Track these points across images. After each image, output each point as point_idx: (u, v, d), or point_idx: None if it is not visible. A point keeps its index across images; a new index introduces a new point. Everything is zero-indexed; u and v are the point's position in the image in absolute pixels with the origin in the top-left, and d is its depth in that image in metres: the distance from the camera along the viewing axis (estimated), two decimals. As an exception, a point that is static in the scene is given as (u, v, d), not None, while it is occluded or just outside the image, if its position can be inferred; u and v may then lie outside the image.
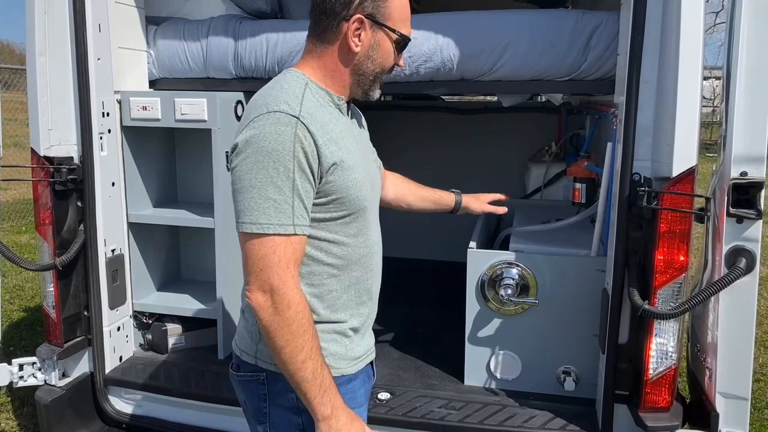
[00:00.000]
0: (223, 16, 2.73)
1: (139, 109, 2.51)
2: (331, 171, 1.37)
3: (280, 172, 1.29)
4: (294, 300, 1.32)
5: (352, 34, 1.42)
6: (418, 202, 2.02)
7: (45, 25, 2.22)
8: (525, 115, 4.04)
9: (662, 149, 1.90)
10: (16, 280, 5.42)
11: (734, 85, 1.80)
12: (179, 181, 2.98)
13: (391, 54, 1.49)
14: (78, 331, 2.43)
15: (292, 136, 1.30)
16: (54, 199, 2.30)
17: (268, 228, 1.30)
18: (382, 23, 1.44)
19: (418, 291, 3.72)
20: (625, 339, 2.03)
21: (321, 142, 1.34)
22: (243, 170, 1.31)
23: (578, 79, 2.34)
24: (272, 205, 1.29)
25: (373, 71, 1.48)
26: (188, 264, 3.04)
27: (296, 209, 1.32)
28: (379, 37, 1.45)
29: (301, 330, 1.32)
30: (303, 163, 1.31)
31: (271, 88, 1.41)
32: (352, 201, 1.43)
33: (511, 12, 2.46)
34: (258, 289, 1.31)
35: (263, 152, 1.29)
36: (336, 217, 1.43)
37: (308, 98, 1.38)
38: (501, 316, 2.37)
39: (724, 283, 1.80)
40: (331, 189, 1.38)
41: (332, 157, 1.36)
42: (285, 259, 1.31)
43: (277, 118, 1.31)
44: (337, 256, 1.46)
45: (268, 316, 1.31)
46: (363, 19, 1.41)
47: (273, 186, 1.29)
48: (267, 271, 1.30)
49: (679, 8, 1.79)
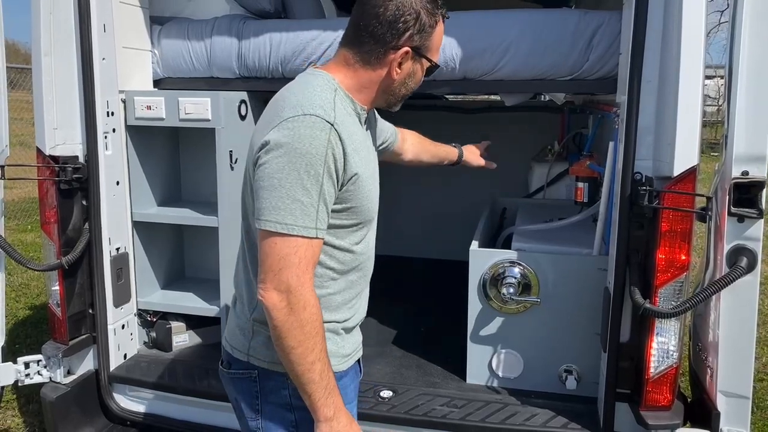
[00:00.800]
0: (226, 16, 2.74)
1: (144, 108, 2.52)
2: (353, 180, 1.39)
3: (311, 175, 1.30)
4: (310, 302, 1.33)
5: (397, 64, 1.45)
6: (430, 159, 2.21)
7: (50, 26, 2.23)
8: (528, 115, 4.04)
9: (664, 148, 1.91)
10: (21, 278, 5.46)
11: (736, 84, 1.80)
12: (183, 180, 3.00)
13: (421, 78, 1.55)
14: (83, 329, 2.45)
15: (326, 142, 1.31)
16: (59, 197, 2.31)
17: (293, 229, 1.30)
18: (424, 55, 1.48)
19: (421, 290, 3.73)
20: (627, 338, 2.04)
21: (349, 151, 1.36)
22: (273, 168, 1.31)
23: (580, 79, 2.35)
24: (299, 207, 1.30)
25: (404, 94, 1.55)
26: (192, 262, 3.06)
27: (320, 213, 1.33)
28: (417, 67, 1.50)
29: (314, 332, 1.34)
30: (332, 169, 1.33)
31: (304, 88, 1.41)
32: (363, 211, 1.47)
33: (513, 12, 2.46)
34: (274, 288, 1.31)
35: (297, 154, 1.30)
36: (347, 225, 1.46)
37: (338, 105, 1.40)
38: (503, 315, 2.38)
39: (725, 282, 1.80)
40: (348, 197, 1.41)
41: (355, 167, 1.39)
42: (305, 261, 1.33)
43: (313, 121, 1.32)
44: (340, 261, 1.49)
45: (283, 316, 1.31)
46: (410, 51, 1.44)
47: (302, 188, 1.30)
48: (286, 272, 1.31)
49: (681, 8, 1.80)
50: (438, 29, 1.49)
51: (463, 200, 4.10)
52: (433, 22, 1.45)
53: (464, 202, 4.04)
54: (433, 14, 1.45)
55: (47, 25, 2.22)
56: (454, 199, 4.23)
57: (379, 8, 1.41)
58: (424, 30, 1.44)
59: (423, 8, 1.42)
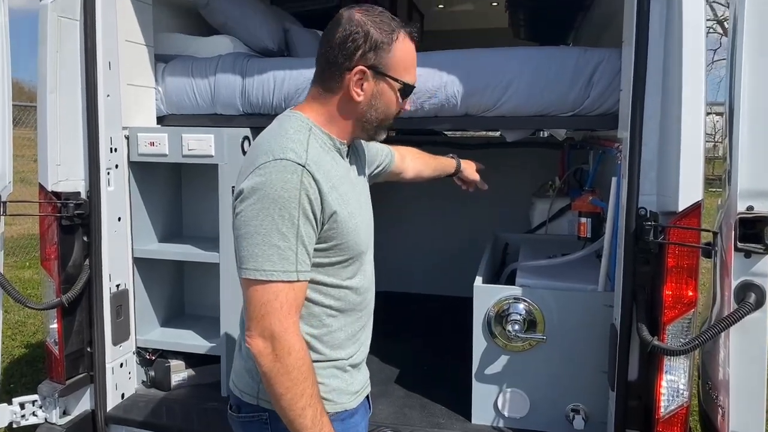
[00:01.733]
0: (230, 54, 2.78)
1: (147, 144, 2.53)
2: (333, 218, 1.38)
3: (285, 219, 1.30)
4: (294, 347, 1.31)
5: (354, 85, 1.43)
6: (431, 172, 2.20)
7: (56, 64, 2.26)
8: (528, 150, 4.06)
9: (668, 183, 1.90)
10: (18, 315, 5.40)
11: (737, 120, 1.81)
12: (185, 216, 2.99)
13: (395, 101, 1.49)
14: (80, 367, 2.41)
15: (298, 184, 1.31)
16: (60, 234, 2.30)
17: (272, 275, 1.30)
18: (384, 73, 1.44)
19: (424, 326, 3.69)
20: (635, 376, 2.00)
21: (325, 190, 1.35)
22: (248, 216, 1.31)
23: (581, 115, 2.37)
24: (276, 252, 1.30)
25: (377, 118, 1.49)
26: (192, 299, 3.03)
27: (299, 256, 1.32)
28: (381, 87, 1.45)
29: (301, 377, 1.32)
30: (308, 210, 1.32)
31: (276, 134, 1.41)
32: (351, 247, 1.44)
33: (513, 49, 2.50)
34: (258, 335, 1.31)
35: (269, 199, 1.30)
36: (335, 262, 1.44)
37: (313, 145, 1.39)
38: (508, 353, 2.34)
39: (733, 318, 1.78)
40: (332, 235, 1.40)
41: (334, 205, 1.37)
42: (287, 306, 1.31)
43: (284, 165, 1.32)
44: (336, 298, 1.47)
45: (269, 363, 1.30)
46: (365, 70, 1.42)
47: (278, 233, 1.29)
48: (268, 318, 1.30)
49: (681, 44, 1.82)
50: (399, 47, 1.44)
51: (464, 235, 4.09)
52: (388, 39, 1.42)
53: (466, 237, 4.03)
54: (387, 32, 1.42)
55: (53, 63, 2.25)
56: (456, 234, 4.22)
57: (331, 34, 1.43)
58: (378, 47, 1.41)
59: (374, 27, 1.41)
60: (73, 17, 2.28)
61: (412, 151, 2.14)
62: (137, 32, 2.61)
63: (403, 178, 2.09)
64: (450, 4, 5.87)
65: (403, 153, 2.07)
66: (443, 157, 2.26)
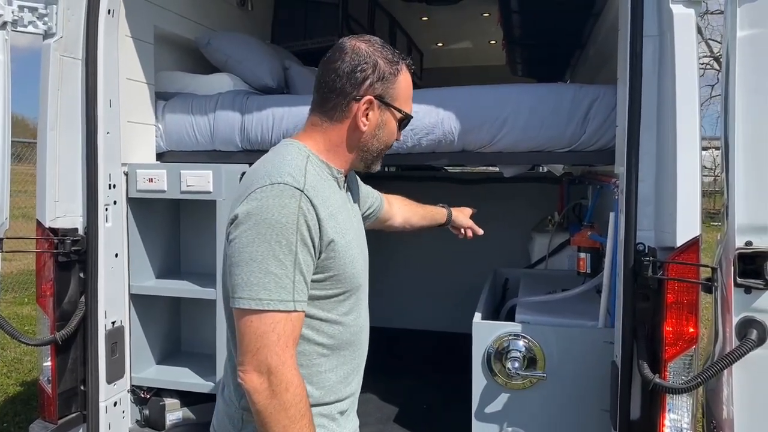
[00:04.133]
0: (230, 92, 2.81)
1: (146, 181, 2.54)
2: (331, 247, 1.33)
3: (283, 245, 1.24)
4: (293, 382, 1.25)
5: (362, 114, 1.42)
6: (419, 221, 2.14)
7: (57, 101, 2.28)
8: (527, 186, 4.08)
9: (665, 219, 1.90)
10: (14, 352, 5.34)
11: (733, 155, 1.81)
12: (183, 252, 2.98)
13: (395, 132, 1.50)
14: (73, 406, 2.37)
15: (297, 209, 1.26)
16: (56, 270, 2.29)
17: (269, 304, 1.23)
18: (389, 104, 1.45)
19: (422, 364, 3.64)
20: (637, 415, 1.95)
21: (323, 216, 1.31)
22: (243, 243, 1.26)
23: (578, 150, 2.38)
24: (273, 280, 1.24)
25: (378, 148, 1.49)
26: (189, 336, 2.99)
27: (297, 284, 1.26)
28: (386, 117, 1.46)
29: (299, 414, 1.24)
30: (306, 236, 1.27)
31: (273, 159, 1.39)
32: (347, 278, 1.39)
33: (510, 86, 2.53)
34: (254, 370, 1.23)
35: (266, 224, 1.25)
36: (331, 295, 1.38)
37: (311, 171, 1.36)
38: (508, 391, 2.30)
39: (736, 355, 1.75)
40: (329, 265, 1.35)
41: (332, 233, 1.33)
42: (284, 338, 1.24)
43: (281, 190, 1.27)
44: (329, 335, 1.40)
45: (264, 400, 1.23)
46: (373, 100, 1.42)
47: (275, 259, 1.24)
48: (265, 351, 1.23)
49: (674, 81, 1.84)
50: (402, 78, 1.46)
51: (463, 270, 4.07)
52: (393, 71, 1.44)
53: (465, 272, 4.01)
54: (392, 63, 1.44)
55: (54, 100, 2.27)
56: (455, 269, 4.20)
57: (337, 62, 1.42)
58: (385, 78, 1.42)
59: (381, 57, 1.43)
60: (75, 56, 2.31)
61: (399, 198, 2.10)
62: (138, 70, 2.65)
63: (391, 225, 2.04)
64: (448, 42, 5.97)
65: (390, 200, 2.03)
66: (433, 206, 2.22)
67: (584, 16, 3.51)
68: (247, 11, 3.75)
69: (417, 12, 5.14)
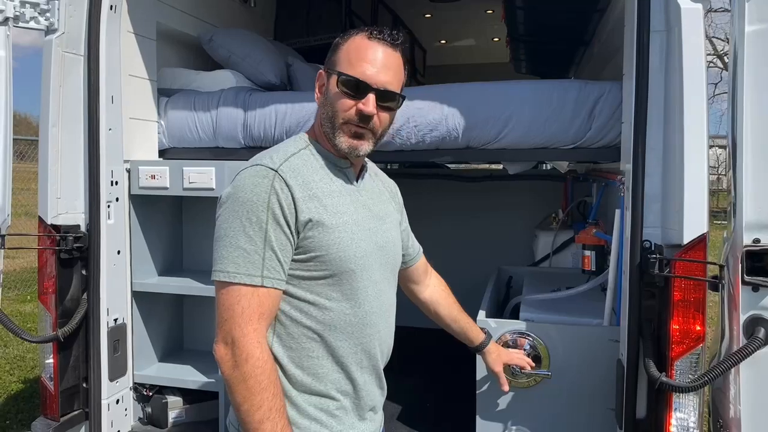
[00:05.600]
0: (233, 88, 2.80)
1: (148, 177, 2.53)
2: (309, 227, 1.34)
3: (252, 222, 1.30)
4: (253, 354, 1.28)
5: (317, 89, 1.48)
6: (447, 319, 1.93)
7: (60, 98, 2.27)
8: (531, 183, 4.06)
9: (672, 216, 1.88)
10: (17, 350, 5.34)
11: (741, 151, 1.79)
12: (185, 249, 2.97)
13: (341, 95, 1.39)
14: (75, 404, 2.36)
15: (269, 188, 1.31)
16: (58, 267, 2.28)
17: (235, 277, 1.29)
18: (330, 69, 1.45)
19: (426, 362, 3.62)
20: (643, 413, 1.94)
21: (299, 197, 1.34)
22: (221, 220, 1.34)
23: (583, 147, 2.36)
24: (241, 255, 1.29)
25: (328, 117, 1.42)
26: (191, 333, 2.98)
27: (267, 261, 1.30)
28: (330, 83, 1.43)
29: (259, 387, 1.28)
30: (278, 215, 1.31)
31: (272, 148, 1.47)
32: (333, 261, 1.36)
33: (515, 83, 2.51)
34: (221, 340, 1.30)
35: (239, 202, 1.31)
36: (317, 277, 1.37)
37: (300, 156, 1.41)
38: (513, 389, 2.27)
39: (743, 354, 1.73)
40: (310, 245, 1.35)
41: (309, 213, 1.34)
42: (249, 311, 1.29)
43: (256, 171, 1.34)
44: (317, 319, 1.38)
45: (228, 370, 1.29)
46: (322, 72, 1.47)
47: (244, 235, 1.30)
48: (230, 322, 1.29)
49: (681, 76, 1.82)
50: (349, 44, 1.42)
51: (467, 268, 4.04)
52: (342, 41, 1.44)
53: (469, 270, 3.99)
54: (346, 37, 1.44)
55: (56, 98, 2.26)
56: (459, 267, 4.18)
57: None
58: (334, 48, 1.45)
59: (341, 36, 1.46)
60: (78, 53, 2.30)
61: (443, 283, 1.95)
62: (141, 67, 2.64)
63: (415, 294, 1.88)
64: (452, 39, 5.95)
65: (431, 272, 1.91)
66: (475, 325, 2.00)
67: (589, 12, 3.48)
68: (250, 8, 3.73)
69: (420, 9, 5.13)
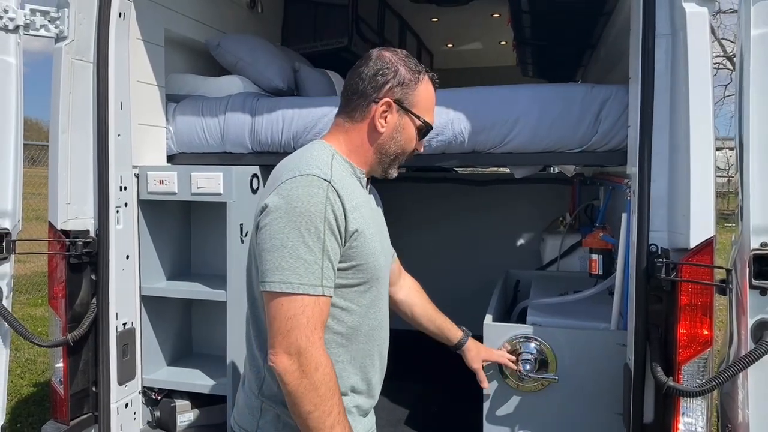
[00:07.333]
0: (240, 94, 2.82)
1: (156, 183, 2.55)
2: (354, 237, 1.39)
3: (312, 232, 1.32)
4: (321, 362, 1.31)
5: (379, 116, 1.49)
6: (422, 319, 1.95)
7: (69, 104, 2.30)
8: (538, 186, 4.05)
9: (678, 220, 1.87)
10: (28, 353, 5.39)
11: (747, 156, 1.79)
12: (193, 254, 2.99)
13: (413, 138, 1.56)
14: (85, 408, 2.38)
15: (324, 199, 1.33)
16: (68, 272, 2.30)
17: (299, 288, 1.30)
18: (408, 109, 1.52)
19: (433, 366, 3.62)
20: (651, 418, 1.93)
21: (348, 207, 1.38)
22: (274, 230, 1.33)
23: (590, 151, 2.36)
24: (303, 265, 1.31)
25: (395, 152, 1.54)
26: (200, 337, 3.00)
27: (325, 270, 1.33)
28: (404, 122, 1.52)
29: (329, 393, 1.31)
30: (333, 225, 1.34)
31: (301, 155, 1.47)
32: (369, 269, 1.45)
33: (521, 87, 2.51)
34: (284, 352, 1.30)
35: (296, 213, 1.32)
36: (353, 284, 1.43)
37: (336, 167, 1.44)
38: (520, 393, 2.28)
39: (751, 358, 1.72)
40: (353, 254, 1.40)
41: (356, 224, 1.39)
42: (313, 321, 1.31)
43: (310, 180, 1.35)
44: (348, 325, 1.45)
45: (295, 380, 1.29)
46: (391, 103, 1.49)
47: (304, 246, 1.31)
48: (295, 332, 1.30)
49: (687, 79, 1.82)
50: (423, 88, 1.54)
51: (474, 272, 4.05)
52: (414, 78, 1.52)
53: (476, 273, 3.99)
54: (414, 71, 1.52)
55: (66, 104, 2.28)
56: (466, 270, 4.18)
57: (362, 68, 1.52)
58: (405, 84, 1.50)
59: (403, 65, 1.51)
60: (87, 59, 2.33)
61: (414, 281, 1.99)
62: (149, 73, 2.66)
63: (391, 297, 1.81)
64: (458, 43, 5.96)
65: (404, 273, 1.94)
66: (451, 324, 2.03)
67: (595, 16, 3.48)
68: (257, 13, 3.76)
69: (427, 13, 5.14)
